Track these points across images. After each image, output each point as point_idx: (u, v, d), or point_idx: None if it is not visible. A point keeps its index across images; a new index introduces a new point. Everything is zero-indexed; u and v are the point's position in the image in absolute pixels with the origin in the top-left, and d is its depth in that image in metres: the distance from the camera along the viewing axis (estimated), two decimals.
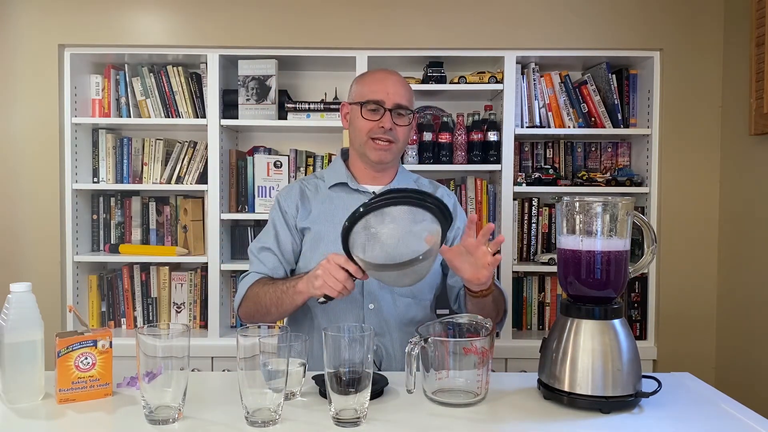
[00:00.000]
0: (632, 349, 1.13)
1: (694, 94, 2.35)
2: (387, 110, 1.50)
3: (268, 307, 1.45)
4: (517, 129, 2.40)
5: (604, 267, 1.12)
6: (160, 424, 1.03)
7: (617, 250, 1.12)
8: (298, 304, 1.41)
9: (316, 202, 1.57)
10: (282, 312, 1.45)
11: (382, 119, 1.50)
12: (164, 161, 2.49)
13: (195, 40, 2.35)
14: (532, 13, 2.34)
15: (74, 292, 2.42)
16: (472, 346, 1.13)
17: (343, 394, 1.02)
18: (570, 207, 1.14)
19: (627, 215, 1.12)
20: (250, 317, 1.52)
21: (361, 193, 1.56)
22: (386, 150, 1.52)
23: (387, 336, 1.51)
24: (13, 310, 1.12)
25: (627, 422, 1.07)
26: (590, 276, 1.13)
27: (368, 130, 1.51)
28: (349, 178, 1.58)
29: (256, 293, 1.48)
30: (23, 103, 2.36)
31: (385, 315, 1.51)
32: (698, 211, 2.36)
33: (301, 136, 2.64)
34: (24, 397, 1.14)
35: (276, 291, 1.44)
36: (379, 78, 1.55)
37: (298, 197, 1.58)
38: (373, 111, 1.51)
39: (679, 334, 2.38)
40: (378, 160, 1.54)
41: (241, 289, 1.54)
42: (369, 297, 1.50)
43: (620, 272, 1.13)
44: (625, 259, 1.14)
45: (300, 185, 1.62)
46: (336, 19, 2.34)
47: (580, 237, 1.13)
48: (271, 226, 1.59)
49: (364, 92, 1.54)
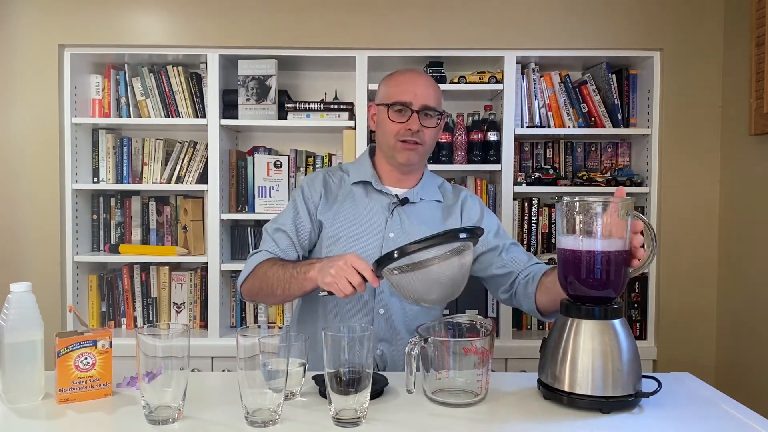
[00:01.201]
0: (632, 349, 1.13)
1: (694, 94, 2.35)
2: (414, 112, 1.47)
3: (273, 287, 1.41)
4: (517, 129, 2.40)
5: (604, 267, 1.12)
6: (160, 424, 1.03)
7: (617, 250, 1.12)
8: (306, 290, 1.37)
9: (340, 197, 1.55)
10: (287, 295, 1.41)
11: (409, 121, 1.47)
12: (164, 161, 2.49)
13: (195, 40, 2.35)
14: (532, 13, 2.34)
15: (74, 292, 2.42)
16: (472, 346, 1.13)
17: (343, 394, 1.02)
18: (570, 207, 1.14)
19: (627, 215, 1.12)
20: (253, 295, 1.49)
21: (383, 195, 1.54)
22: (413, 151, 1.50)
23: (394, 342, 1.49)
24: (13, 310, 1.12)
25: (627, 422, 1.07)
26: (590, 276, 1.13)
27: (395, 132, 1.48)
28: (374, 178, 1.55)
29: (264, 272, 1.44)
30: (23, 103, 2.36)
31: (394, 321, 1.49)
32: (698, 211, 2.36)
33: (301, 136, 2.64)
34: (24, 397, 1.13)
35: (285, 273, 1.39)
36: (407, 79, 1.52)
37: (322, 187, 1.56)
38: (400, 112, 1.48)
39: (679, 334, 2.38)
40: (405, 162, 1.51)
41: (249, 264, 1.49)
42: (380, 302, 1.49)
43: (620, 272, 1.13)
44: (625, 259, 1.14)
45: (325, 175, 1.60)
46: (336, 19, 2.34)
47: (579, 237, 1.13)
48: (291, 208, 1.56)
49: (391, 93, 1.51)
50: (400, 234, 1.49)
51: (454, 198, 1.61)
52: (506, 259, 1.50)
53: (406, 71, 1.57)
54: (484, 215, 1.59)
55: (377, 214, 1.52)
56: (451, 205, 1.59)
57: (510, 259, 1.50)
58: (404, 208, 1.53)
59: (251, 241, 2.53)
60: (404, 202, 1.53)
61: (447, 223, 1.55)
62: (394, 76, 1.57)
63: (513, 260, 1.50)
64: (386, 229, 1.50)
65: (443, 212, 1.57)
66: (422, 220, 1.53)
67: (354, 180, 1.57)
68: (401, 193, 1.55)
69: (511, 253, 1.52)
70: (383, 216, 1.52)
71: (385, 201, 1.54)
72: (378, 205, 1.53)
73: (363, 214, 1.52)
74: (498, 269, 1.51)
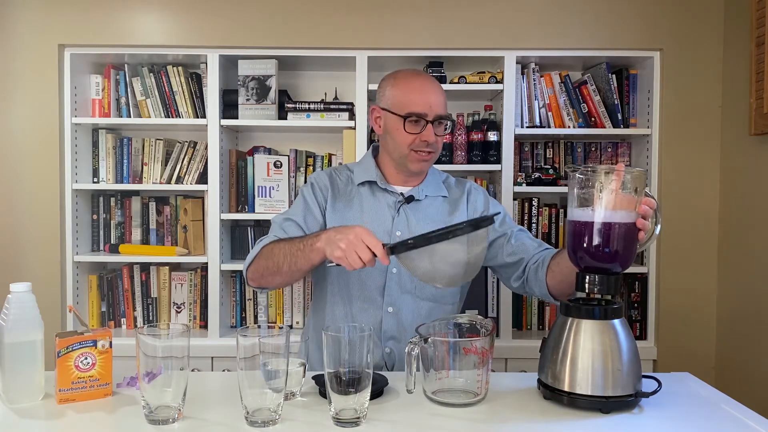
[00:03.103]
0: (632, 349, 1.13)
1: (694, 94, 2.35)
2: (429, 122, 1.46)
3: (280, 263, 1.37)
4: (517, 129, 2.40)
5: (614, 238, 1.12)
6: (160, 424, 1.03)
7: (626, 222, 1.12)
8: (314, 262, 1.33)
9: (346, 196, 1.56)
10: (294, 271, 1.37)
11: (424, 132, 1.46)
12: (164, 161, 2.49)
13: (195, 40, 2.35)
14: (532, 13, 2.34)
15: (74, 292, 2.42)
16: (472, 346, 1.13)
17: (343, 394, 1.02)
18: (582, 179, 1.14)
19: (637, 191, 1.12)
20: (259, 277, 1.45)
21: (389, 193, 1.55)
22: (427, 161, 1.51)
23: (403, 341, 1.49)
24: (13, 310, 1.12)
25: (627, 422, 1.07)
26: (599, 248, 1.12)
27: (410, 143, 1.47)
28: (379, 178, 1.56)
29: (271, 249, 1.41)
30: (23, 103, 2.36)
31: (403, 319, 1.49)
32: (698, 211, 2.36)
33: (301, 136, 2.64)
34: (24, 397, 1.13)
35: (292, 247, 1.36)
36: (420, 87, 1.49)
37: (329, 184, 1.57)
38: (414, 123, 1.47)
39: (679, 334, 2.38)
40: (419, 170, 1.53)
41: (255, 248, 1.47)
42: (389, 300, 1.49)
43: (629, 245, 1.13)
44: (633, 232, 1.13)
45: (332, 173, 1.61)
46: (336, 19, 2.34)
47: (590, 209, 1.13)
48: (301, 201, 1.56)
49: (404, 103, 1.47)
50: (406, 232, 1.50)
51: (458, 191, 1.62)
52: (515, 246, 1.51)
53: (414, 76, 1.54)
54: (490, 205, 1.61)
55: (384, 213, 1.53)
56: (456, 199, 1.60)
57: (519, 246, 1.51)
58: (410, 206, 1.54)
59: (251, 241, 2.53)
60: (410, 200, 1.54)
61: (454, 217, 1.56)
62: (403, 81, 1.52)
63: (522, 246, 1.51)
64: (393, 228, 1.51)
65: (449, 207, 1.58)
66: (429, 217, 1.53)
67: (360, 180, 1.57)
68: (406, 192, 1.55)
69: (519, 239, 1.53)
70: (390, 215, 1.53)
71: (391, 200, 1.54)
72: (384, 204, 1.54)
73: (370, 213, 1.53)
74: (509, 257, 1.51)
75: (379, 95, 1.56)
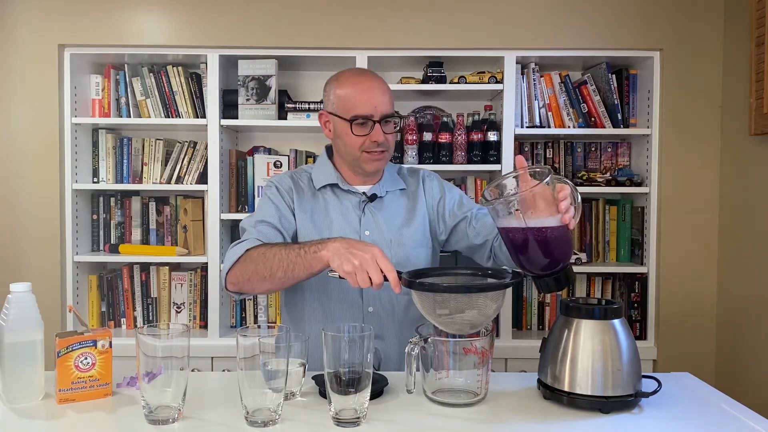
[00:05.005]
0: (632, 349, 1.13)
1: (694, 94, 2.35)
2: (376, 122, 1.46)
3: (274, 269, 1.29)
4: (517, 129, 2.40)
5: (551, 246, 1.11)
6: (160, 424, 1.03)
7: (555, 225, 1.10)
8: (313, 271, 1.27)
9: (309, 197, 1.55)
10: (288, 278, 1.29)
11: (373, 133, 1.46)
12: (164, 161, 2.49)
13: (195, 40, 2.35)
14: (532, 13, 2.34)
15: (74, 292, 2.42)
16: (472, 346, 1.13)
17: (343, 394, 1.02)
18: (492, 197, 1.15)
19: (549, 183, 1.09)
20: (244, 282, 1.35)
21: (352, 194, 1.55)
22: (381, 160, 1.50)
23: (386, 338, 1.50)
24: (13, 310, 1.12)
25: (627, 422, 1.07)
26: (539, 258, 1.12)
27: (360, 145, 1.47)
28: (339, 180, 1.56)
29: (262, 253, 1.32)
30: (23, 103, 2.36)
31: (384, 318, 1.50)
32: (698, 211, 2.36)
33: (301, 136, 2.64)
34: (24, 397, 1.14)
35: (290, 252, 1.28)
36: (363, 88, 1.47)
37: (293, 186, 1.56)
38: (361, 125, 1.45)
39: (679, 334, 2.38)
40: (374, 170, 1.53)
41: (235, 251, 1.37)
42: (368, 300, 1.49)
43: (564, 244, 1.13)
44: (565, 229, 1.12)
45: (293, 175, 1.60)
46: (336, 19, 2.34)
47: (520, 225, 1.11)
48: (269, 204, 1.50)
49: (348, 106, 1.46)
50: (375, 231, 1.52)
51: (414, 182, 1.63)
52: (478, 228, 1.53)
53: (357, 76, 1.52)
54: (445, 190, 1.61)
55: (350, 213, 1.53)
56: (414, 191, 1.61)
57: (482, 226, 1.52)
58: (374, 204, 1.55)
59: None
60: (373, 198, 1.55)
61: (415, 209, 1.57)
62: (346, 82, 1.50)
63: (484, 226, 1.52)
64: (361, 228, 1.52)
65: (409, 199, 1.60)
66: (393, 213, 1.56)
67: (320, 184, 1.56)
68: (368, 190, 1.56)
69: (480, 219, 1.54)
70: (356, 215, 1.53)
71: (354, 200, 1.55)
72: (349, 205, 1.54)
73: (336, 215, 1.53)
74: (474, 238, 1.53)
75: (325, 99, 1.55)
